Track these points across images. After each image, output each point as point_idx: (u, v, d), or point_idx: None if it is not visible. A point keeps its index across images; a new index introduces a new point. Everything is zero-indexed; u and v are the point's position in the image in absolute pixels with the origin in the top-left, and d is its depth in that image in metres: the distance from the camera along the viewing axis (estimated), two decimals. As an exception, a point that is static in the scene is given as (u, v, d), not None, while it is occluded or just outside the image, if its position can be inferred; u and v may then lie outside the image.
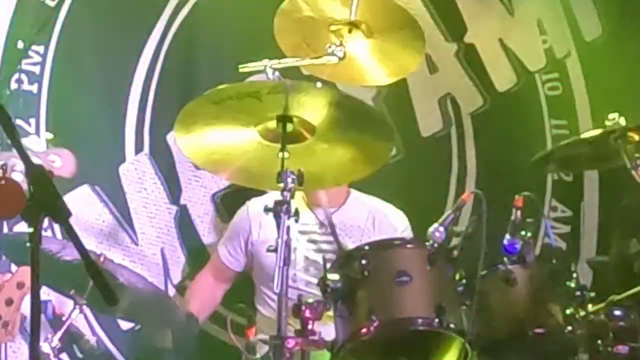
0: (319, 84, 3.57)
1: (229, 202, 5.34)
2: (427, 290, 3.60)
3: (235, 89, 3.58)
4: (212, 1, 5.40)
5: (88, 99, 5.19)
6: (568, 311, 3.72)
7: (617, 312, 3.81)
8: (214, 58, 5.37)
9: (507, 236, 3.94)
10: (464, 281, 3.67)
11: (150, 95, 5.30)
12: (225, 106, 3.55)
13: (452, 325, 3.53)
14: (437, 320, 3.50)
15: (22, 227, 4.57)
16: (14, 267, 4.54)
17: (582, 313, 3.75)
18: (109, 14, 5.23)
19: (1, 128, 2.69)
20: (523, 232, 3.87)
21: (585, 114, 5.95)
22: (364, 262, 3.57)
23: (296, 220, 3.50)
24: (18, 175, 3.23)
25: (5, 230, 4.85)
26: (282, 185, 3.50)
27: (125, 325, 5.11)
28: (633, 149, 4.06)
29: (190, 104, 3.62)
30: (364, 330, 3.52)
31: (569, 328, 3.70)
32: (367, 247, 3.69)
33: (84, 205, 5.11)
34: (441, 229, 3.74)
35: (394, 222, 4.89)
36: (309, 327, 3.53)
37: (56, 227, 4.88)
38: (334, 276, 3.59)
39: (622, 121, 4.05)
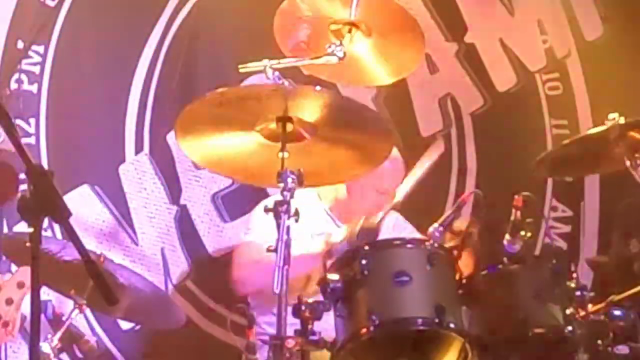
0: (317, 88, 3.56)
1: (229, 202, 5.34)
2: (427, 290, 3.59)
3: (235, 92, 3.58)
4: (212, 1, 5.40)
5: (88, 99, 5.19)
6: (568, 311, 3.72)
7: (617, 312, 3.81)
8: (214, 58, 5.37)
9: (507, 236, 3.94)
10: (464, 281, 3.67)
11: (150, 95, 5.30)
12: (225, 107, 3.55)
13: (452, 325, 3.53)
14: (437, 320, 3.50)
15: (22, 227, 4.58)
16: (14, 267, 4.53)
17: (582, 313, 3.75)
18: (109, 14, 5.23)
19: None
20: (523, 232, 3.87)
21: (585, 114, 5.93)
22: (363, 262, 3.56)
23: (296, 220, 3.49)
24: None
25: (5, 230, 4.85)
26: (282, 185, 3.50)
27: (125, 325, 5.11)
28: (633, 149, 4.06)
29: (190, 105, 3.62)
30: (364, 330, 3.51)
31: (569, 328, 3.69)
32: (366, 247, 3.68)
33: (84, 205, 5.11)
34: (441, 229, 3.74)
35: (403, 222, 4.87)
36: (309, 327, 3.53)
37: (56, 227, 4.88)
38: (334, 276, 3.59)
39: (622, 121, 4.05)
